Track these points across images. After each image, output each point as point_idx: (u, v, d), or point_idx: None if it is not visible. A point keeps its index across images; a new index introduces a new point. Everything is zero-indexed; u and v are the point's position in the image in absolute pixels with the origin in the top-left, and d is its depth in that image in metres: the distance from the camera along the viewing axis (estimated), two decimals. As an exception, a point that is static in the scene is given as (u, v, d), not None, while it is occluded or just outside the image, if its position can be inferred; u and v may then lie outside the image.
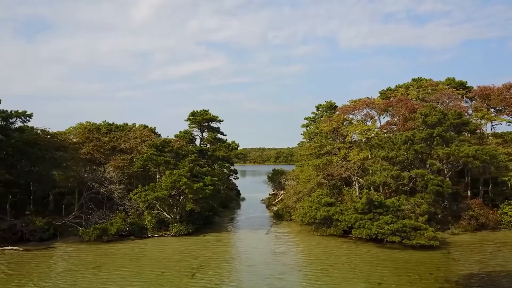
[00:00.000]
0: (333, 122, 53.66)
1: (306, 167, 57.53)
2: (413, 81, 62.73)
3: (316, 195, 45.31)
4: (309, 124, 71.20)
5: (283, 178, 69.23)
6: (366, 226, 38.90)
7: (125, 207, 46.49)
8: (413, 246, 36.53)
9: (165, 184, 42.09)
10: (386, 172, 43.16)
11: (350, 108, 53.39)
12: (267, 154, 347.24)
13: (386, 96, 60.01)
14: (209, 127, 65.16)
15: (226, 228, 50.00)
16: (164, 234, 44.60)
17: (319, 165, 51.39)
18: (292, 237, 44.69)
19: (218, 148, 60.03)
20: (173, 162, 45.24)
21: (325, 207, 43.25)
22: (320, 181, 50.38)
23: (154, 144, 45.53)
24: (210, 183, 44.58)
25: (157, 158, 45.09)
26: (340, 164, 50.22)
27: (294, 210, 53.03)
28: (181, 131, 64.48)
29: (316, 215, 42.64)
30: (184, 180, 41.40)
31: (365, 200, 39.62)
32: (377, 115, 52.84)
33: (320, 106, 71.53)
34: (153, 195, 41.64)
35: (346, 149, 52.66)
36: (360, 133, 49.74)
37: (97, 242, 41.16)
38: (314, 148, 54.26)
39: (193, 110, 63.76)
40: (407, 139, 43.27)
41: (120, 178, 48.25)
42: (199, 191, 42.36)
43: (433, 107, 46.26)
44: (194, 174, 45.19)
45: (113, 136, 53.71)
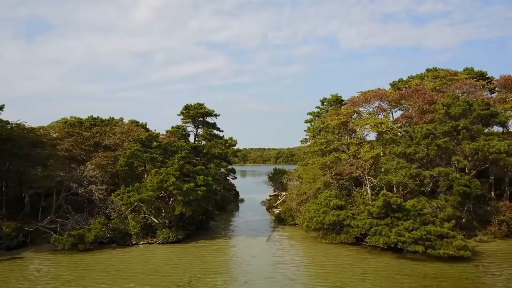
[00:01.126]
0: (341, 116, 48.25)
1: (310, 165, 52.09)
2: (427, 72, 57.35)
3: (324, 197, 39.88)
4: (313, 120, 65.83)
5: (285, 178, 63.78)
6: (383, 233, 33.45)
7: (107, 210, 41.05)
8: (439, 256, 31.11)
9: (151, 185, 36.69)
10: (403, 170, 37.71)
11: (360, 100, 47.99)
12: (267, 154, 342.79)
13: (398, 88, 54.64)
14: (204, 122, 59.74)
15: (222, 234, 44.54)
16: (151, 242, 39.17)
17: (326, 163, 45.95)
18: (296, 244, 39.24)
19: (214, 145, 54.71)
20: (161, 160, 39.82)
21: (334, 211, 37.83)
22: (327, 181, 44.96)
23: (139, 139, 40.13)
24: (203, 183, 39.16)
25: (143, 155, 39.68)
26: (349, 162, 44.78)
27: (298, 214, 47.61)
28: (173, 126, 59.11)
29: (324, 220, 37.22)
30: (172, 179, 35.98)
31: (381, 202, 34.18)
32: (390, 108, 47.42)
33: (325, 100, 66.20)
34: (137, 197, 36.22)
35: (356, 145, 47.24)
36: (372, 127, 44.31)
37: (72, 251, 35.77)
38: (320, 145, 48.84)
39: (187, 104, 58.45)
40: (428, 133, 37.83)
41: (102, 178, 42.84)
42: (190, 193, 36.95)
43: (456, 97, 40.86)
44: (184, 173, 39.76)
45: (97, 131, 48.30)
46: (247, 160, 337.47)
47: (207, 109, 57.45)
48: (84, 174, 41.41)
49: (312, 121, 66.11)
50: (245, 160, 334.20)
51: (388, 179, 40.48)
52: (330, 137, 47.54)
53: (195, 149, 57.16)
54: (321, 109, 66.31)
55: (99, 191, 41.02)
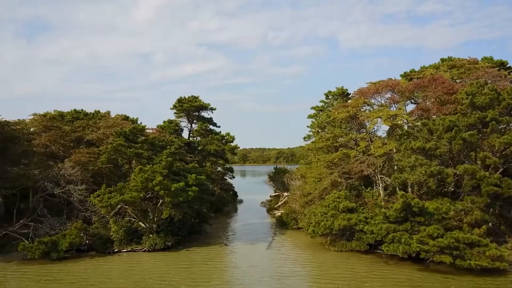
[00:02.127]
0: (349, 108, 43.57)
1: (315, 163, 47.43)
2: (442, 62, 52.67)
3: (332, 198, 35.22)
4: (317, 115, 61.16)
5: (287, 178, 59.12)
6: (402, 241, 28.78)
7: (87, 213, 36.38)
8: (469, 269, 26.47)
9: (134, 184, 32.04)
10: (423, 168, 32.99)
11: (370, 91, 43.30)
12: (268, 154, 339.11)
13: (410, 78, 49.93)
14: (199, 117, 55.13)
15: (217, 240, 39.83)
16: (135, 249, 34.51)
17: (333, 160, 41.32)
18: (301, 252, 34.55)
19: (210, 142, 50.16)
20: (147, 156, 35.15)
21: (344, 214, 33.16)
22: (334, 180, 40.30)
23: (122, 132, 35.45)
24: (195, 183, 34.51)
25: (127, 151, 35.01)
26: (359, 159, 40.11)
27: (301, 216, 42.96)
28: (165, 120, 54.37)
29: (332, 225, 32.55)
30: (158, 178, 31.31)
31: (400, 205, 29.51)
32: (403, 100, 42.68)
33: (330, 93, 61.55)
34: (118, 199, 31.55)
35: (366, 141, 42.61)
36: (385, 119, 39.61)
37: (45, 261, 31.15)
38: (326, 140, 44.13)
39: (180, 97, 53.78)
40: (452, 125, 33.13)
41: (83, 177, 38.17)
42: (179, 193, 32.30)
43: (481, 85, 36.14)
44: (174, 171, 35.14)
45: (79, 125, 43.61)
46: (247, 160, 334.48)
47: (202, 102, 52.86)
48: (61, 173, 36.72)
49: (316, 116, 61.46)
50: (245, 160, 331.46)
51: (404, 178, 35.81)
52: (338, 132, 42.86)
53: (189, 146, 52.52)
54: (326, 103, 61.67)
55: (78, 192, 36.34)
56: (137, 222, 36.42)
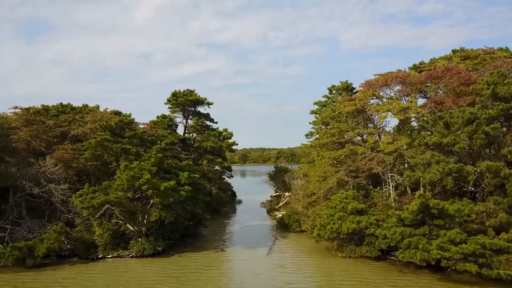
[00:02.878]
0: (356, 101, 40.32)
1: (319, 161, 44.26)
2: (453, 53, 49.39)
3: (339, 199, 31.96)
4: (320, 110, 57.89)
5: (288, 177, 55.85)
6: (420, 247, 25.54)
7: (70, 215, 33.14)
8: (497, 278, 23.26)
9: (120, 183, 28.79)
10: (440, 165, 29.71)
11: (379, 83, 40.02)
12: (268, 154, 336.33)
13: (420, 71, 46.67)
14: (195, 112, 51.88)
15: (213, 244, 36.56)
16: (122, 254, 31.27)
17: (339, 157, 38.08)
18: (305, 258, 31.28)
19: (206, 138, 46.90)
20: (135, 152, 31.88)
21: (353, 216, 29.91)
22: (341, 179, 37.07)
23: (108, 126, 32.19)
24: (188, 182, 31.26)
25: (113, 146, 31.77)
26: (368, 156, 36.88)
27: (305, 218, 39.75)
28: (158, 116, 51.05)
29: (340, 229, 29.31)
30: (146, 176, 28.06)
31: (417, 206, 26.26)
32: (415, 92, 39.39)
33: (333, 87, 58.32)
34: (101, 199, 28.30)
35: (374, 136, 39.42)
36: (396, 113, 36.34)
37: (21, 268, 27.95)
38: (331, 136, 40.84)
39: (175, 90, 50.43)
40: (472, 118, 29.88)
41: (66, 175, 34.91)
42: (170, 193, 29.05)
43: (503, 74, 32.90)
44: (165, 168, 31.91)
45: (64, 120, 40.31)
46: (247, 160, 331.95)
47: (198, 96, 49.58)
48: (41, 170, 33.46)
49: (318, 111, 58.18)
50: (244, 160, 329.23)
51: (417, 177, 32.57)
52: (344, 127, 39.58)
53: (184, 142, 49.26)
54: (329, 98, 58.41)
55: (60, 191, 33.08)
56: (124, 224, 33.21)
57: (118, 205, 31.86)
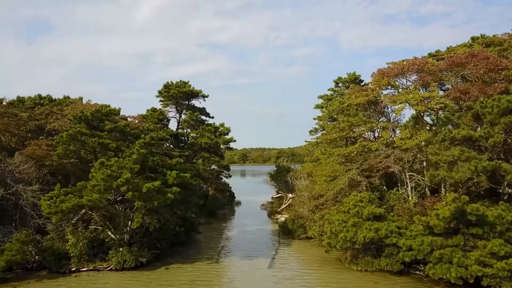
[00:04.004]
0: (369, 91, 35.91)
1: (326, 159, 39.76)
2: (473, 40, 44.89)
3: (353, 202, 27.49)
4: (326, 105, 53.39)
5: (291, 177, 51.32)
6: (455, 261, 21.12)
7: (42, 220, 28.66)
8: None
9: (95, 184, 24.30)
10: (472, 163, 25.23)
11: (394, 71, 35.48)
12: (268, 154, 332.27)
13: (437, 60, 42.20)
14: (189, 106, 47.41)
15: (207, 253, 32.05)
16: (99, 267, 26.79)
17: (350, 154, 33.66)
18: (313, 271, 26.80)
19: (201, 134, 42.55)
20: (116, 147, 27.40)
21: (370, 223, 25.46)
22: (353, 178, 32.61)
23: (83, 117, 27.74)
24: (177, 182, 26.78)
25: (88, 140, 27.30)
26: (383, 153, 32.43)
27: (311, 223, 35.30)
28: (148, 109, 46.49)
29: (356, 237, 24.85)
30: (126, 175, 23.59)
31: (451, 212, 21.81)
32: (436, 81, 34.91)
33: (340, 80, 53.78)
34: (72, 202, 23.85)
35: (389, 130, 35.02)
36: (415, 104, 31.87)
37: (-25, 285, 23.51)
38: (340, 131, 36.36)
39: (167, 82, 45.89)
40: (511, 107, 25.44)
41: (39, 175, 30.44)
42: (154, 196, 24.58)
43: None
44: (150, 167, 27.44)
45: (40, 112, 35.85)
46: (247, 160, 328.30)
47: (193, 88, 45.11)
48: (8, 169, 28.95)
49: (324, 106, 53.66)
50: (244, 160, 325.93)
51: (442, 176, 28.09)
52: (356, 120, 35.07)
53: (176, 138, 44.72)
54: (335, 92, 53.89)
55: (30, 193, 28.60)
56: (104, 231, 28.76)
57: (96, 209, 27.51)
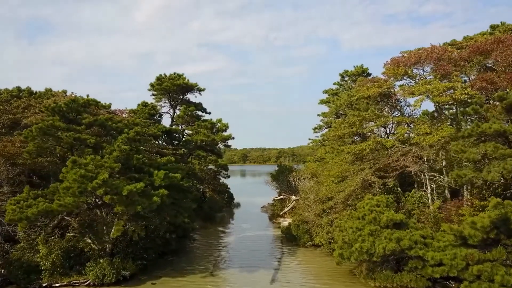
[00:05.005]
0: (382, 82, 32.29)
1: (333, 158, 36.18)
2: (492, 29, 41.26)
3: (368, 207, 23.80)
4: (330, 100, 49.88)
5: (294, 177, 47.66)
6: (497, 279, 17.53)
7: (11, 227, 25.01)
8: None
9: (67, 186, 20.65)
10: (509, 162, 21.59)
11: (411, 60, 31.80)
12: (268, 154, 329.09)
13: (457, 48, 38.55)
14: (184, 100, 43.70)
15: (201, 264, 28.34)
16: (75, 282, 23.16)
17: (361, 152, 30.03)
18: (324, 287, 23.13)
19: (197, 130, 38.87)
20: (94, 143, 23.75)
21: (389, 231, 21.82)
22: (367, 179, 28.96)
23: (57, 108, 24.13)
24: (165, 183, 23.13)
25: (62, 134, 23.66)
26: (401, 151, 28.79)
27: (318, 229, 31.65)
28: (139, 103, 42.65)
29: (373, 249, 21.21)
30: (102, 176, 19.93)
31: (491, 219, 18.17)
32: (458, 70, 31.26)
33: (346, 73, 50.26)
34: (40, 208, 20.20)
35: (403, 125, 31.40)
36: (436, 95, 28.24)
37: None
38: (350, 126, 32.69)
39: (160, 74, 42.13)
40: (554, 95, 21.85)
41: (9, 175, 26.81)
42: (137, 200, 20.92)
43: None
44: (134, 166, 23.79)
45: (16, 106, 32.23)
46: (247, 160, 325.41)
47: (187, 81, 41.37)
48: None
49: (329, 101, 50.12)
50: (244, 160, 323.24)
51: (470, 177, 24.44)
52: (368, 114, 31.37)
53: (169, 135, 41.04)
54: (341, 86, 50.37)
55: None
56: (83, 240, 25.10)
57: (73, 215, 23.93)
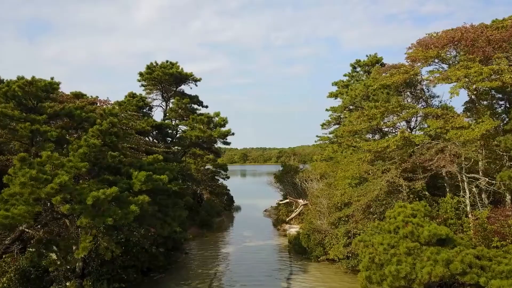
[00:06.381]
0: (407, 67, 27.43)
1: (349, 157, 31.38)
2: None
3: (401, 217, 18.92)
4: (341, 92, 45.03)
5: (300, 178, 42.88)
6: None
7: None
8: None
9: (14, 191, 15.80)
10: None
11: (443, 41, 26.89)
12: (268, 154, 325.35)
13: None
14: (178, 92, 38.70)
15: (194, 285, 23.49)
16: (32, 313, 18.36)
17: (385, 149, 25.17)
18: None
19: (191, 125, 34.01)
20: (57, 136, 18.90)
21: (433, 250, 16.95)
22: (394, 182, 24.11)
23: (9, 93, 19.24)
24: (147, 188, 18.27)
25: (18, 125, 18.85)
26: (434, 147, 23.97)
27: (333, 240, 26.79)
28: (126, 95, 37.49)
29: (414, 273, 16.35)
30: (60, 179, 15.12)
31: None
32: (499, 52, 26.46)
33: (358, 63, 45.42)
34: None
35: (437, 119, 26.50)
36: (477, 81, 23.45)
37: None
38: (370, 119, 27.76)
39: (151, 62, 37.11)
40: None
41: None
42: (109, 209, 16.07)
43: None
44: (108, 165, 18.95)
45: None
46: (247, 160, 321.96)
47: (181, 70, 36.33)
48: None
49: (339, 94, 45.26)
50: (245, 160, 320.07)
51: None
52: (392, 105, 26.45)
53: (160, 131, 36.07)
54: (353, 77, 45.50)
55: None
56: (49, 257, 20.30)
57: (36, 226, 19.18)
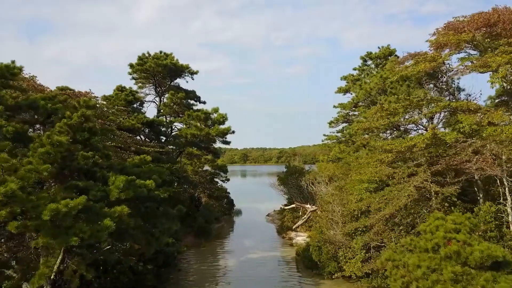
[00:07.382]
0: (434, 54, 23.87)
1: (365, 158, 27.80)
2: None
3: (441, 233, 15.27)
4: (350, 87, 41.55)
5: (306, 181, 39.25)
6: None
7: None
8: None
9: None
10: None
11: (477, 24, 23.42)
12: (269, 154, 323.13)
13: None
14: (172, 86, 35.07)
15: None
16: None
17: (411, 149, 21.62)
18: None
19: (187, 122, 30.40)
20: (14, 131, 15.31)
21: (487, 277, 13.35)
22: (424, 187, 20.55)
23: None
24: (127, 196, 14.66)
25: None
26: (468, 146, 20.43)
27: (348, 253, 23.18)
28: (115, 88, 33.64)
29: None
30: (7, 187, 11.51)
31: None
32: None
33: (369, 55, 41.80)
34: None
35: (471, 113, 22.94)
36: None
37: None
38: (390, 115, 24.20)
39: (143, 53, 33.52)
40: None
41: None
42: (73, 227, 12.47)
43: None
44: (80, 168, 15.35)
45: None
46: (248, 160, 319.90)
47: (176, 61, 32.70)
48: None
49: (348, 89, 41.79)
50: (245, 160, 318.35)
51: None
52: (418, 98, 22.87)
53: (152, 128, 32.47)
54: (363, 71, 41.99)
55: None
56: (16, 280, 16.71)
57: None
